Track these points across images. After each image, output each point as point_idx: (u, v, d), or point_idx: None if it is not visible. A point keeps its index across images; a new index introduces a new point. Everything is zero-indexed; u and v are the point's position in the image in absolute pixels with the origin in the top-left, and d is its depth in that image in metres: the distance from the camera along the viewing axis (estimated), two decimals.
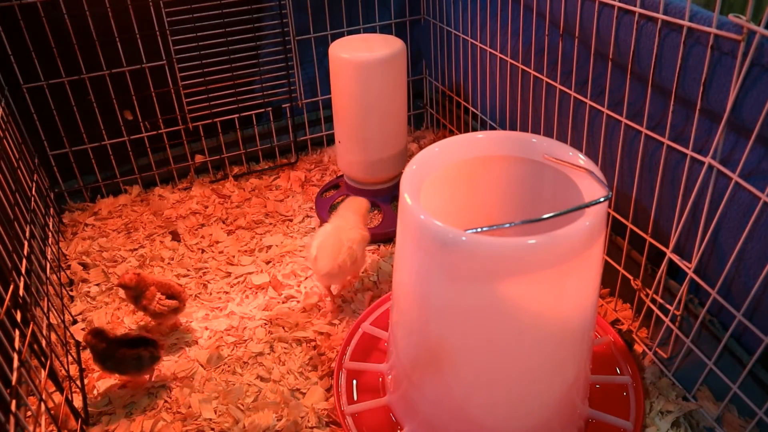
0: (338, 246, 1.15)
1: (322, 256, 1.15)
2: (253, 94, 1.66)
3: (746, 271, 0.83)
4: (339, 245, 1.16)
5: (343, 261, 1.14)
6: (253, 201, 1.60)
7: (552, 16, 1.11)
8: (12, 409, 0.73)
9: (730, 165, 0.80)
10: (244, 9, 1.54)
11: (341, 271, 1.15)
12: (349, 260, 1.15)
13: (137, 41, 1.47)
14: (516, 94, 1.32)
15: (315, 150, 1.82)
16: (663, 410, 0.96)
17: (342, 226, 1.21)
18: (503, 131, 1.08)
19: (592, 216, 0.74)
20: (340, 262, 1.14)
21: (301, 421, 0.99)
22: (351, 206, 1.28)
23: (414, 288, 0.83)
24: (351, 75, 1.35)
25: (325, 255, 1.15)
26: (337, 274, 1.16)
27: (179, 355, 1.14)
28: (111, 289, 1.32)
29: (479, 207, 1.00)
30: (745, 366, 0.84)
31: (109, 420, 1.02)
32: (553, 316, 0.77)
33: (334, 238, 1.17)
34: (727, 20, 0.74)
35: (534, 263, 0.72)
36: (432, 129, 1.89)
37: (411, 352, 0.89)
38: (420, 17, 1.74)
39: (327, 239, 1.17)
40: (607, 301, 1.17)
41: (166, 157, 1.65)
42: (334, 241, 1.17)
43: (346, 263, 1.15)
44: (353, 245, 1.17)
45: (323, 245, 1.16)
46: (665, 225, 0.96)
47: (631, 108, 0.96)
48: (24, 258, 1.06)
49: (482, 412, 0.85)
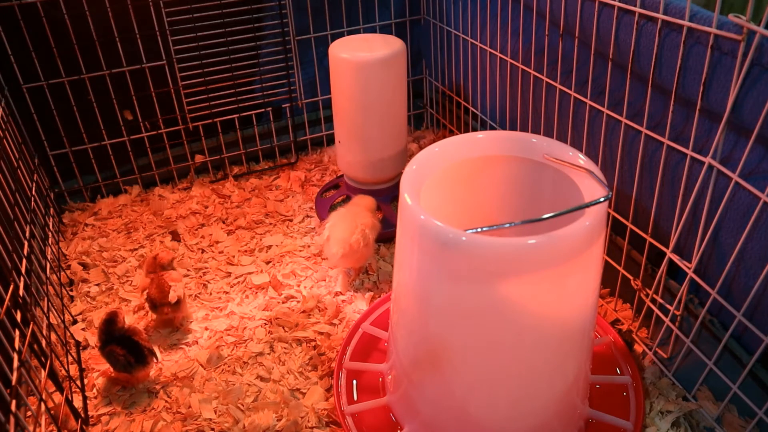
0: (352, 227, 1.18)
1: (334, 236, 1.18)
2: (253, 94, 1.66)
3: (746, 271, 0.83)
4: (353, 226, 1.18)
5: (356, 240, 1.17)
6: (253, 201, 1.60)
7: (552, 16, 1.11)
8: (12, 409, 0.73)
9: (730, 165, 0.80)
10: (244, 9, 1.54)
11: (353, 251, 1.18)
12: (362, 241, 1.17)
13: (137, 41, 1.47)
14: (516, 94, 1.32)
15: (315, 150, 1.82)
16: (663, 410, 0.96)
17: (354, 211, 1.24)
18: (503, 131, 1.08)
19: (592, 216, 0.74)
20: (353, 242, 1.17)
21: (301, 421, 0.99)
22: (359, 202, 1.31)
23: (414, 288, 0.83)
24: (351, 75, 1.35)
25: (338, 235, 1.18)
26: (349, 254, 1.18)
27: (179, 355, 1.14)
28: (111, 288, 1.32)
29: (479, 207, 1.00)
30: (745, 366, 0.84)
31: (109, 420, 1.02)
32: (553, 316, 0.77)
33: (347, 221, 1.20)
34: (727, 20, 0.74)
35: (534, 263, 0.72)
36: (432, 129, 1.89)
37: (411, 352, 0.89)
38: (420, 17, 1.74)
39: (339, 221, 1.21)
40: (607, 301, 1.17)
41: (166, 157, 1.65)
42: (347, 223, 1.19)
43: (359, 243, 1.17)
44: (366, 228, 1.19)
45: (335, 226, 1.20)
46: (665, 225, 0.96)
47: (631, 108, 0.96)
48: (24, 258, 1.06)
49: (482, 412, 0.85)
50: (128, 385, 1.07)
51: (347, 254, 1.18)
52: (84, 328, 1.22)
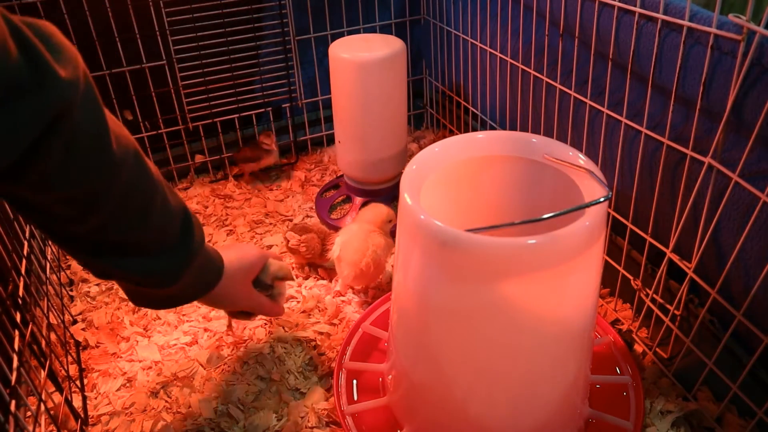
0: (363, 248, 1.15)
1: (345, 258, 1.16)
2: (253, 94, 1.66)
3: (746, 271, 0.83)
4: (364, 248, 1.15)
5: (366, 264, 1.14)
6: (253, 201, 1.60)
7: (552, 16, 1.11)
8: (12, 409, 0.73)
9: (730, 165, 0.80)
10: (244, 9, 1.54)
11: (363, 273, 1.15)
12: (372, 264, 1.15)
13: (137, 41, 1.47)
14: (516, 94, 1.32)
15: (315, 150, 1.82)
16: (663, 410, 0.96)
17: (367, 229, 1.19)
18: (503, 131, 1.07)
19: (592, 216, 0.74)
20: (363, 266, 1.14)
21: (301, 421, 0.99)
22: (371, 218, 1.23)
23: (414, 288, 0.83)
24: (351, 75, 1.35)
25: (349, 258, 1.15)
26: (360, 276, 1.16)
27: (179, 355, 1.14)
28: (111, 288, 1.32)
29: (479, 207, 1.00)
30: (745, 366, 0.84)
31: (109, 420, 1.02)
32: (554, 316, 0.77)
33: (359, 240, 1.16)
34: (727, 20, 0.74)
35: (534, 263, 0.72)
36: (432, 129, 1.89)
37: (411, 352, 0.89)
38: (420, 17, 1.74)
39: (352, 240, 1.17)
40: (607, 301, 1.17)
41: (166, 157, 1.65)
42: (358, 243, 1.16)
43: (369, 266, 1.14)
44: (378, 250, 1.16)
45: (347, 246, 1.17)
46: (665, 225, 0.96)
47: (631, 108, 0.96)
48: (24, 258, 1.06)
49: (482, 412, 0.85)
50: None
51: (358, 276, 1.16)
52: (84, 328, 1.22)
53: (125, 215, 0.69)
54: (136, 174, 0.70)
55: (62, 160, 0.59)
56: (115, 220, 0.69)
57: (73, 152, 0.60)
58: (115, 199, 0.67)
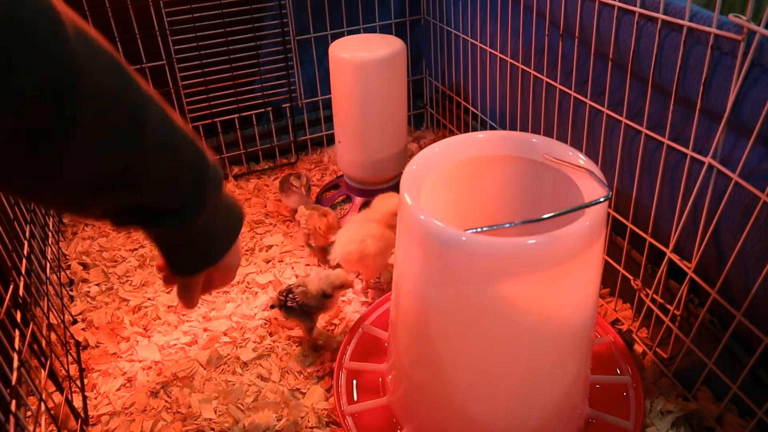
0: (352, 236, 1.17)
1: (337, 242, 1.19)
2: (253, 94, 1.66)
3: (746, 271, 0.83)
4: (354, 236, 1.17)
5: (349, 252, 1.16)
6: (253, 201, 1.60)
7: (552, 16, 1.11)
8: (12, 409, 0.73)
9: (730, 165, 0.80)
10: (244, 9, 1.54)
11: (347, 260, 1.17)
12: (357, 254, 1.16)
13: (137, 41, 1.47)
14: (516, 94, 1.32)
15: (315, 150, 1.82)
16: (663, 410, 0.96)
17: (367, 218, 1.22)
18: (503, 131, 1.08)
19: (592, 216, 0.74)
20: (346, 252, 1.16)
21: (301, 421, 0.99)
22: (377, 207, 1.24)
23: (414, 288, 0.83)
24: (351, 75, 1.35)
25: (339, 241, 1.18)
26: (346, 262, 1.18)
27: (179, 355, 1.14)
28: (111, 288, 1.32)
29: (479, 207, 1.00)
30: (745, 366, 0.84)
31: (109, 420, 1.02)
32: (553, 316, 0.77)
33: (352, 229, 1.19)
34: (727, 20, 0.74)
35: (534, 263, 0.72)
36: (432, 129, 1.89)
37: (411, 352, 0.89)
38: (420, 17, 1.74)
39: (348, 227, 1.21)
40: (607, 301, 1.17)
41: None
42: (351, 231, 1.19)
43: (352, 255, 1.16)
44: (368, 240, 1.17)
45: (343, 232, 1.20)
46: (665, 225, 0.96)
47: (631, 108, 0.96)
48: (24, 258, 1.06)
49: (482, 412, 0.85)
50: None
51: (345, 261, 1.18)
52: (84, 328, 1.22)
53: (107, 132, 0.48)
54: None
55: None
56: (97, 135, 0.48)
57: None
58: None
